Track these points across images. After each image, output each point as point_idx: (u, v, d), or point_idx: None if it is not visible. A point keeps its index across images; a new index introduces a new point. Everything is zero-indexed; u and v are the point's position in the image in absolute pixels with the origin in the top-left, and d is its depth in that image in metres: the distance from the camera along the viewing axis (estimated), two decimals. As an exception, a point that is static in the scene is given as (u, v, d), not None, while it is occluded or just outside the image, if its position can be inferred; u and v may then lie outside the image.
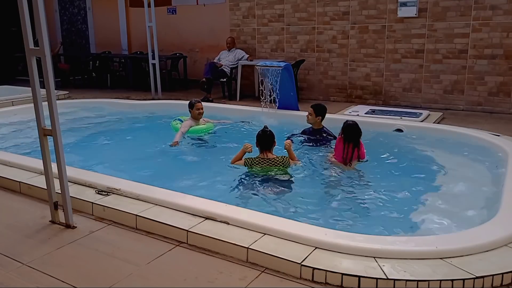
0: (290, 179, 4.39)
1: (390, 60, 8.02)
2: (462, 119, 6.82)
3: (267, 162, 4.43)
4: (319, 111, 5.46)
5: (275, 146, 4.58)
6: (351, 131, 4.60)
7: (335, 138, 5.38)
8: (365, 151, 4.69)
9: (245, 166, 4.47)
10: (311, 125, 5.57)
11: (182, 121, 6.22)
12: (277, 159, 4.46)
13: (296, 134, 5.72)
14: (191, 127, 6.05)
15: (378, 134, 5.95)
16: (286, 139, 4.98)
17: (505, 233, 2.89)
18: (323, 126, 5.55)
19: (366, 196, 4.05)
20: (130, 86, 10.65)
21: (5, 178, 4.18)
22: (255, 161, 4.45)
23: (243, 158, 4.54)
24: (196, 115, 6.10)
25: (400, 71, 7.97)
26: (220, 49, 9.55)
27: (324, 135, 5.51)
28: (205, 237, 2.98)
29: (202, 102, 6.28)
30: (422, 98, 7.83)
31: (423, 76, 7.77)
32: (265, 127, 4.61)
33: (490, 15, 7.09)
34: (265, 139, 4.48)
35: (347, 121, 4.73)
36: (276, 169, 4.42)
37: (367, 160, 4.73)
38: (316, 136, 5.52)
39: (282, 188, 4.16)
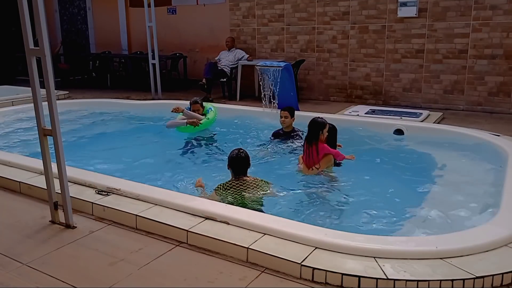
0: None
1: (390, 60, 8.01)
2: (462, 119, 6.82)
3: (242, 185, 3.78)
4: (293, 112, 5.54)
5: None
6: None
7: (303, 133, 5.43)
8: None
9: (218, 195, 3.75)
10: (281, 128, 5.59)
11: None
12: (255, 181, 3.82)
13: (270, 141, 5.67)
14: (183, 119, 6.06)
15: (378, 134, 5.95)
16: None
17: (505, 233, 2.90)
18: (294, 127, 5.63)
19: (366, 197, 4.05)
20: (130, 86, 10.64)
21: (5, 178, 4.18)
22: (226, 185, 3.78)
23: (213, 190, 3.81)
24: None
25: (400, 71, 7.97)
26: (220, 49, 9.54)
27: (295, 134, 5.57)
28: (205, 237, 2.98)
29: (203, 103, 6.31)
30: (422, 98, 7.83)
31: (423, 76, 7.76)
32: (240, 149, 3.94)
33: (490, 15, 7.09)
34: (240, 162, 3.84)
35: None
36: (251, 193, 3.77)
37: (340, 164, 4.64)
38: (291, 135, 5.57)
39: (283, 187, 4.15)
